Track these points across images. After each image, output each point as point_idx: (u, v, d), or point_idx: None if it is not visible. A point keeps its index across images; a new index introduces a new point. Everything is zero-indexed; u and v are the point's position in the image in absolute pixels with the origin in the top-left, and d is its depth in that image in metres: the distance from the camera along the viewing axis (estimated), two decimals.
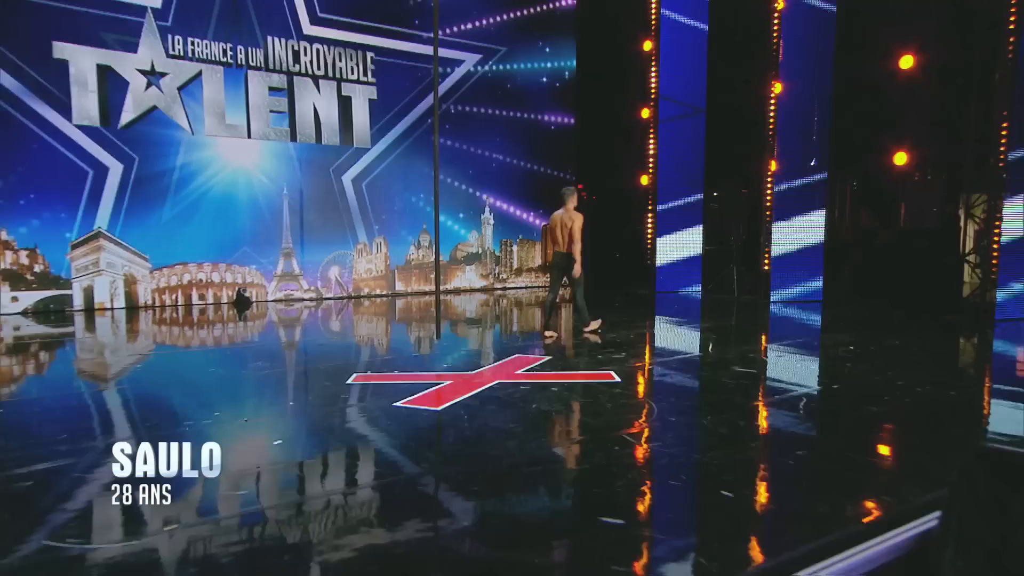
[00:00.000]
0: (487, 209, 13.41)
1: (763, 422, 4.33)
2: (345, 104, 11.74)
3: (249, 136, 10.98)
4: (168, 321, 9.06)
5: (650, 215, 12.81)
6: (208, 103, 10.60)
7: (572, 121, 14.02)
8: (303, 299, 11.63)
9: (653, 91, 12.40)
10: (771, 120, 10.59)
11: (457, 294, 12.89)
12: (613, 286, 13.28)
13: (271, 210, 11.29)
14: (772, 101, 10.56)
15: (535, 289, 13.66)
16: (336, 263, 12.03)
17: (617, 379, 5.24)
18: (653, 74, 12.29)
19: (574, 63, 13.92)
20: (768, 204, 10.79)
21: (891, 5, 9.92)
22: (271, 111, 11.14)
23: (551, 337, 7.21)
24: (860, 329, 7.88)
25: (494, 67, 13.13)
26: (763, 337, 7.97)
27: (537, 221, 13.99)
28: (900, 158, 10.15)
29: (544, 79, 13.71)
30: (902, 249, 9.97)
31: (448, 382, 5.10)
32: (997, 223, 8.10)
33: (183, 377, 5.73)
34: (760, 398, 4.99)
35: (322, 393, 4.99)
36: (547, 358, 6.00)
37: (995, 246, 8.15)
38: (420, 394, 4.73)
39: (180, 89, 10.36)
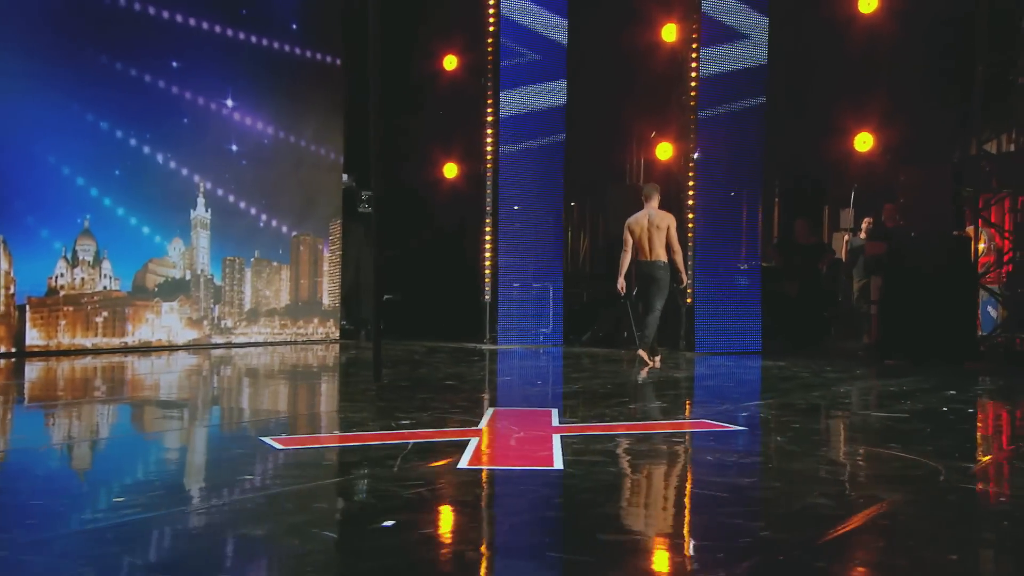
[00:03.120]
0: (201, 202, 11.87)
1: None
2: None
3: None
4: None
5: (488, 228, 12.47)
6: None
7: (338, 63, 13.26)
8: None
9: (491, 23, 12.24)
10: (692, 78, 11.09)
11: (146, 353, 11.04)
12: (426, 334, 12.64)
13: None
14: (694, 47, 11.08)
15: (281, 347, 12.33)
16: None
17: (739, 427, 5.38)
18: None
19: None
20: (690, 203, 11.16)
21: None
22: None
23: (650, 364, 9.00)
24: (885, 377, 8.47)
25: None
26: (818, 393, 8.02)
27: (285, 228, 12.75)
28: (863, 141, 11.31)
29: None
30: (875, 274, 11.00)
31: (475, 439, 4.90)
32: None
33: None
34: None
35: (262, 460, 4.36)
36: (552, 409, 6.02)
37: None
38: (469, 454, 4.48)
39: None
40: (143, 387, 8.39)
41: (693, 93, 11.06)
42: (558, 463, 4.16)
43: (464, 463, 4.22)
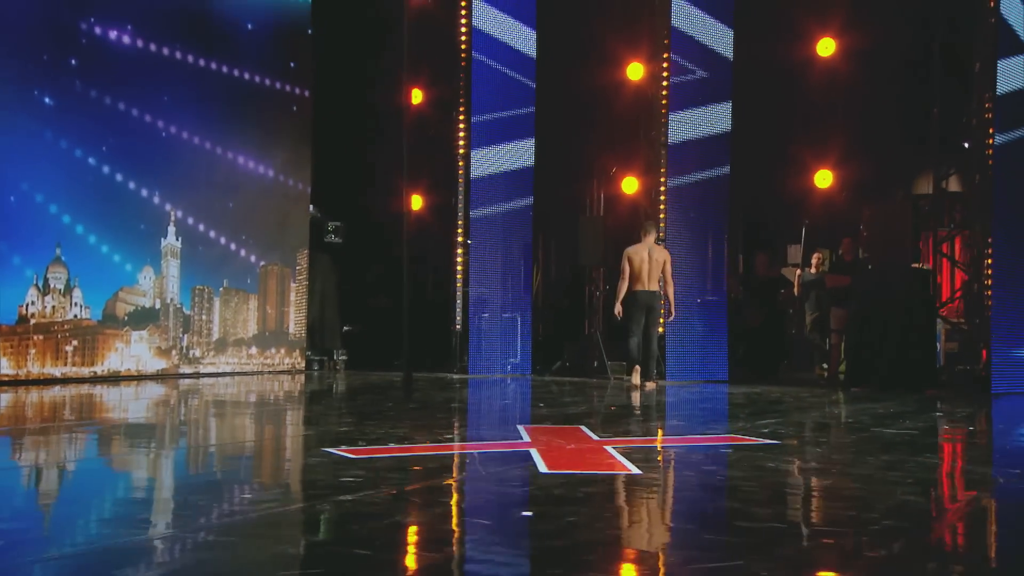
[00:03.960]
0: (171, 230, 11.80)
1: None
2: None
3: None
4: None
5: (459, 259, 12.66)
6: None
7: (307, 95, 13.35)
8: None
9: (463, 52, 12.51)
10: (663, 108, 11.50)
11: (115, 382, 10.91)
12: (390, 364, 12.71)
13: None
14: (664, 84, 11.51)
15: (246, 376, 12.28)
16: None
17: (771, 441, 5.60)
18: (463, 28, 12.44)
19: None
20: (661, 236, 11.51)
21: None
22: None
23: (638, 387, 9.97)
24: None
25: None
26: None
27: (253, 257, 12.72)
28: (823, 178, 11.86)
29: (263, 16, 12.91)
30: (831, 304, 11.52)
31: (532, 450, 4.99)
32: (988, 262, 9.90)
33: None
34: None
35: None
36: (580, 426, 6.22)
37: (987, 293, 9.92)
38: (540, 461, 4.61)
39: None
40: (180, 410, 8.45)
41: (664, 128, 11.47)
42: (633, 468, 4.33)
43: (544, 469, 4.38)
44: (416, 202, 14.03)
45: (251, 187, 12.69)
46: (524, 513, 3.43)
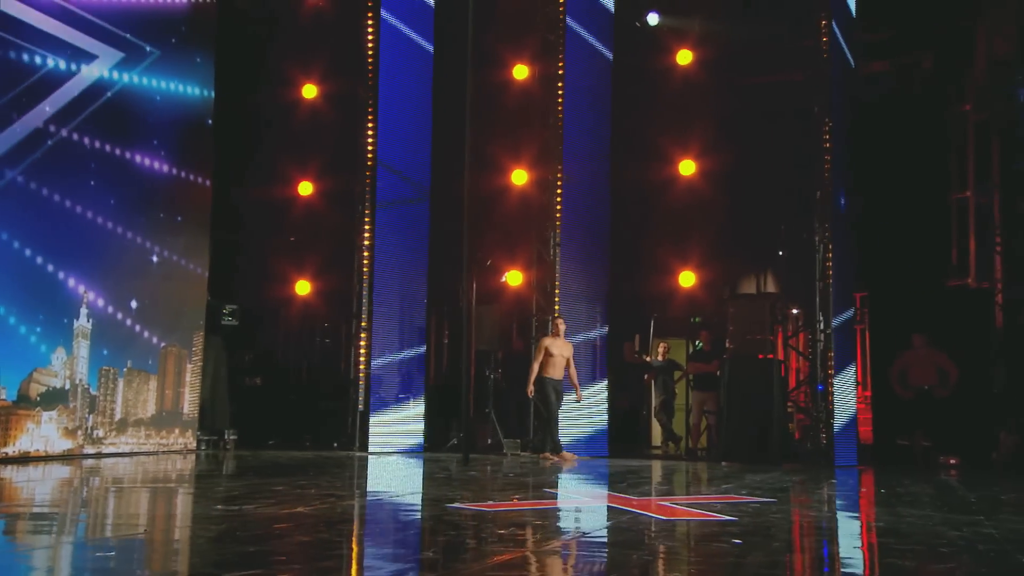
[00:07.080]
0: (83, 312, 12.01)
1: None
2: None
3: None
4: None
5: (363, 340, 13.49)
6: None
7: (208, 184, 13.89)
8: None
9: (369, 155, 13.55)
10: (557, 211, 13.03)
11: (24, 463, 10.97)
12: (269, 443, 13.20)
13: None
14: (558, 192, 13.07)
15: (142, 457, 12.45)
16: None
17: (769, 499, 6.91)
18: (370, 133, 13.51)
19: (212, 93, 14.03)
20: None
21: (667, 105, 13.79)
22: None
23: (551, 461, 11.66)
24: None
25: (129, 76, 12.43)
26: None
27: (155, 339, 13.02)
28: (686, 278, 13.70)
29: (170, 108, 13.46)
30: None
31: (621, 505, 6.03)
32: (831, 354, 11.97)
33: None
34: None
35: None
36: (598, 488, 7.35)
37: (830, 371, 11.99)
38: (647, 513, 5.59)
39: None
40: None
41: (558, 227, 13.00)
42: (724, 516, 5.43)
43: (660, 516, 5.38)
44: (303, 287, 14.80)
45: (155, 270, 13.03)
46: (735, 541, 4.56)
